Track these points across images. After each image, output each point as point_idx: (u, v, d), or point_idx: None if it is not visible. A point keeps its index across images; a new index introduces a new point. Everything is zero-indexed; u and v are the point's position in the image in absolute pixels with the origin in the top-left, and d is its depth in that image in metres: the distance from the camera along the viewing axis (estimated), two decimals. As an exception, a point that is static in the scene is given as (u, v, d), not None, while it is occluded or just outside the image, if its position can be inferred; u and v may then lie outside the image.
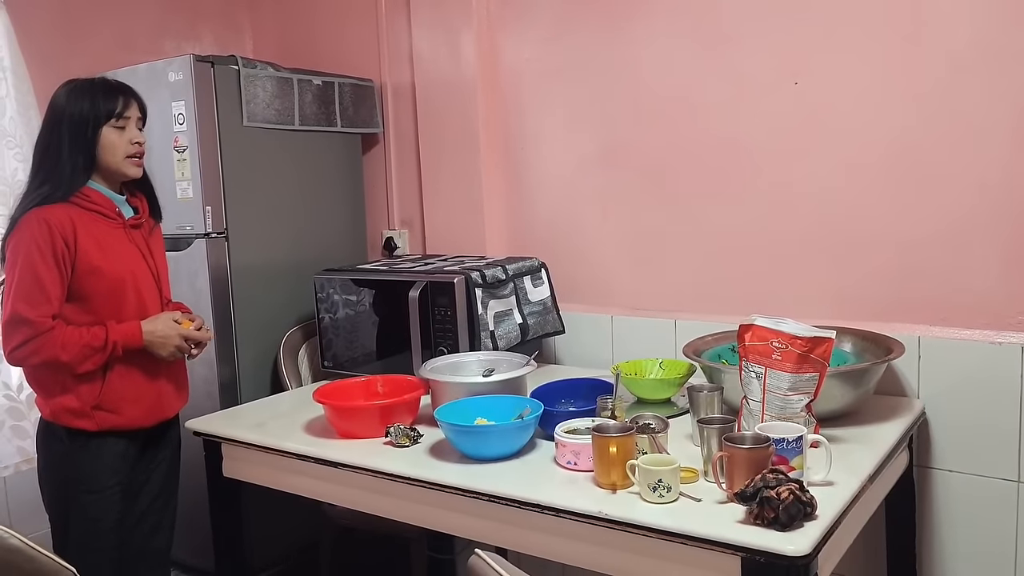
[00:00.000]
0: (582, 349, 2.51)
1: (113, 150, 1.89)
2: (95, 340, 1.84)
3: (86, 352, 1.83)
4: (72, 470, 1.90)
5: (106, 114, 1.87)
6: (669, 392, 2.02)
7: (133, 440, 1.96)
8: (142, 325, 1.90)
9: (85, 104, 1.86)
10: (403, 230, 2.95)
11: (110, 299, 1.89)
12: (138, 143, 1.93)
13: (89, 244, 1.85)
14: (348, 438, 1.87)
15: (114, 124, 1.88)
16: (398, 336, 2.31)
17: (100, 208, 1.90)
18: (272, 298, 2.60)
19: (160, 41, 3.01)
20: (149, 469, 2.04)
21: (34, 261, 1.80)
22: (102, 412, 1.89)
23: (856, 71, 2.05)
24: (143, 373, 1.94)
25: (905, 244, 2.04)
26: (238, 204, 2.49)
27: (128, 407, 1.92)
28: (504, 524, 1.57)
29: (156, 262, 2.01)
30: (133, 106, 1.92)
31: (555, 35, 2.52)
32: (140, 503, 2.03)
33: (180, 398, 2.08)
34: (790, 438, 1.44)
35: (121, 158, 1.90)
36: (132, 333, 1.89)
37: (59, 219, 1.82)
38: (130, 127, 1.91)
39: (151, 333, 1.90)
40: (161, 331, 1.92)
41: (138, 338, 1.89)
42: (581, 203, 2.54)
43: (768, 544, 1.27)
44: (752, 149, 2.22)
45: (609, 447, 1.49)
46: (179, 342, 1.95)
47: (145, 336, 1.90)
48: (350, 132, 2.85)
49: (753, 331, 1.66)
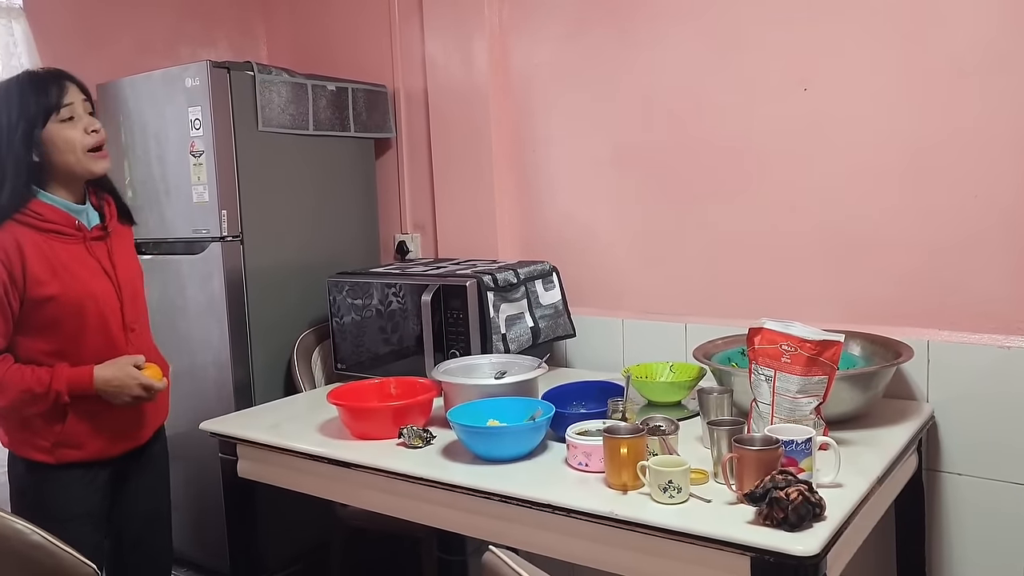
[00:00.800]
0: (592, 352, 2.53)
1: (69, 148, 1.67)
2: (38, 385, 1.66)
3: (25, 398, 1.66)
4: (37, 499, 1.76)
5: (44, 111, 1.64)
6: (679, 395, 2.04)
7: (101, 469, 1.82)
8: (95, 372, 1.70)
9: (13, 107, 1.63)
10: (415, 234, 2.98)
11: (70, 326, 1.71)
12: (95, 131, 1.70)
13: (40, 270, 1.66)
14: (362, 439, 1.89)
15: (57, 118, 1.65)
16: (410, 339, 2.33)
17: (55, 225, 1.70)
18: (286, 301, 2.63)
19: (176, 47, 3.06)
20: (131, 494, 1.91)
21: None
22: (63, 448, 1.75)
23: (865, 77, 2.07)
24: (107, 406, 1.76)
25: (913, 248, 2.05)
26: (253, 208, 2.52)
27: (90, 441, 1.77)
28: (515, 524, 1.59)
29: (119, 275, 1.80)
30: (71, 90, 1.68)
31: (566, 40, 2.55)
32: (131, 530, 1.92)
33: (156, 420, 1.94)
34: (799, 440, 1.46)
35: (81, 154, 1.69)
36: (81, 380, 1.69)
37: (3, 247, 1.63)
38: (79, 116, 1.69)
39: (105, 382, 1.70)
40: (116, 380, 1.71)
41: (88, 386, 1.69)
42: (592, 207, 2.57)
43: (777, 544, 1.29)
44: (762, 153, 2.24)
45: (620, 448, 1.51)
46: (137, 392, 1.73)
47: (97, 384, 1.70)
48: (363, 137, 2.88)
49: (763, 334, 1.68)
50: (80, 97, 1.72)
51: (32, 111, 1.65)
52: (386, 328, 2.39)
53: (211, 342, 2.51)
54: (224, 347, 2.48)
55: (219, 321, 2.48)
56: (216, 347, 2.50)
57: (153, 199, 2.58)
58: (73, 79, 1.72)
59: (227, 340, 2.47)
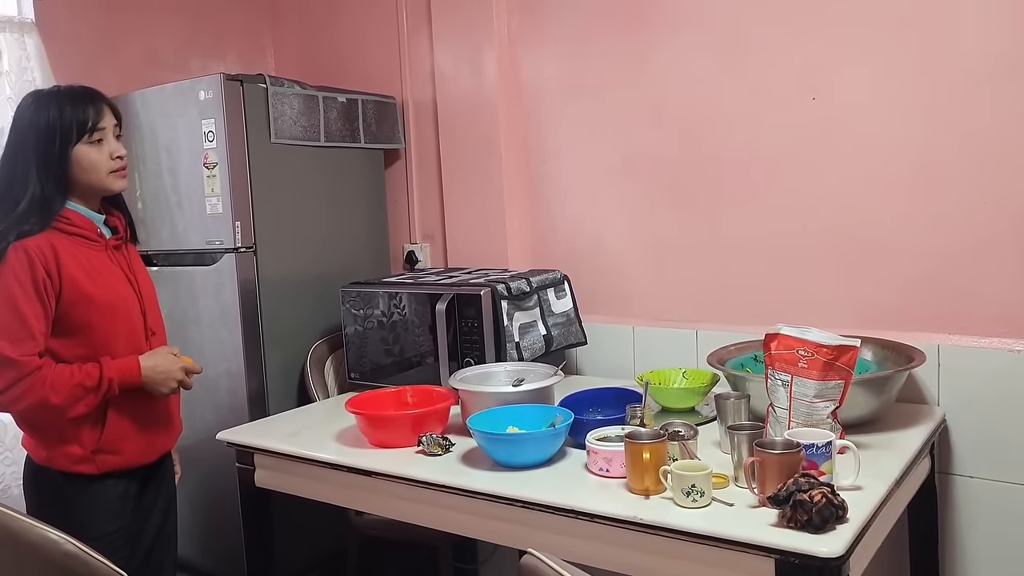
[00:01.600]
0: (604, 360, 2.55)
1: (93, 168, 1.73)
2: (88, 379, 1.68)
3: (78, 393, 1.68)
4: (73, 516, 1.73)
5: (77, 130, 1.70)
6: (694, 401, 2.06)
7: (133, 479, 1.85)
8: (140, 361, 1.76)
9: (52, 121, 1.69)
10: (425, 244, 3.00)
11: (103, 328, 1.75)
12: (119, 157, 1.77)
13: (75, 271, 1.71)
14: (381, 447, 1.91)
15: (88, 140, 1.71)
16: (423, 348, 2.35)
17: (81, 231, 1.75)
18: (298, 311, 2.65)
19: (186, 59, 3.08)
20: (148, 508, 1.93)
21: (13, 295, 1.64)
22: (103, 454, 1.76)
23: (875, 86, 2.10)
24: (141, 408, 1.81)
25: (923, 254, 2.07)
26: (266, 219, 2.54)
27: (128, 445, 1.80)
28: (538, 529, 1.61)
29: (140, 284, 1.87)
30: (105, 114, 1.75)
31: (576, 51, 2.58)
32: (143, 543, 1.92)
33: (176, 429, 1.98)
34: (820, 443, 1.48)
35: (104, 174, 1.75)
36: (130, 370, 1.73)
37: (39, 247, 1.67)
38: (108, 139, 1.75)
39: (151, 369, 1.76)
40: (162, 366, 1.78)
41: (136, 375, 1.74)
42: (602, 215, 2.59)
43: (802, 546, 1.31)
44: (771, 161, 2.27)
45: (643, 453, 1.53)
46: (181, 376, 1.82)
47: (144, 373, 1.75)
48: (373, 148, 2.91)
49: (779, 340, 1.70)
50: (112, 122, 1.78)
51: (67, 128, 1.70)
52: (399, 338, 2.41)
53: (224, 353, 2.52)
54: (238, 357, 2.49)
55: (232, 332, 2.50)
56: (230, 357, 2.51)
57: (165, 211, 2.60)
58: (109, 102, 1.78)
59: (241, 350, 2.49)
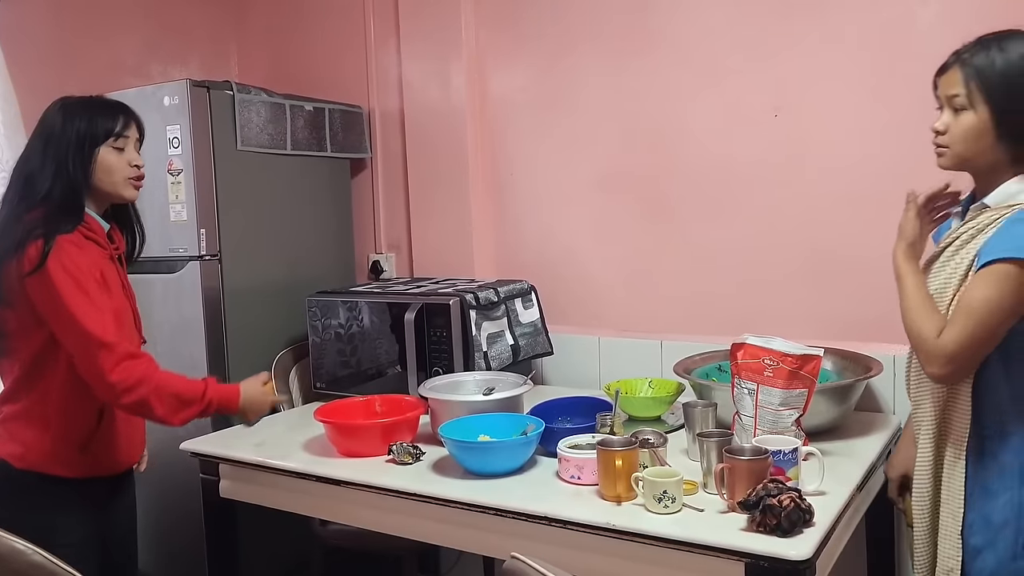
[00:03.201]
0: (570, 369, 2.58)
1: (111, 172, 1.78)
2: (189, 391, 1.74)
3: (173, 403, 1.71)
4: (45, 523, 1.73)
5: (104, 133, 1.77)
6: (660, 410, 2.09)
7: (103, 488, 1.85)
8: (241, 391, 1.83)
9: (82, 123, 1.75)
10: (390, 253, 2.99)
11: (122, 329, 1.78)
12: (137, 166, 1.83)
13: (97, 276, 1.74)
14: (350, 456, 1.90)
15: (112, 144, 1.78)
16: (391, 357, 2.35)
17: (96, 236, 1.79)
18: (263, 320, 2.62)
19: (148, 65, 3.04)
20: (113, 518, 1.91)
21: (89, 288, 1.68)
22: (89, 457, 1.78)
23: (838, 105, 2.17)
24: (128, 418, 1.84)
25: (881, 268, 2.12)
26: (231, 227, 2.52)
27: (110, 453, 1.83)
28: (511, 537, 1.61)
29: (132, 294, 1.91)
30: (132, 126, 1.83)
31: (546, 65, 2.61)
32: (108, 552, 1.89)
33: (144, 442, 1.99)
34: (786, 450, 1.52)
35: (120, 180, 1.80)
36: (231, 396, 1.81)
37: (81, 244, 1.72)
38: (129, 148, 1.82)
39: (249, 400, 1.85)
40: (259, 398, 1.88)
41: (235, 403, 1.82)
42: (570, 227, 2.62)
43: (772, 550, 1.34)
44: (738, 176, 2.33)
45: (615, 461, 1.55)
46: (269, 409, 1.92)
47: (243, 401, 1.83)
48: (339, 157, 2.90)
49: (745, 349, 1.75)
50: (136, 135, 1.85)
51: (96, 129, 1.77)
52: (366, 347, 2.41)
53: (187, 362, 2.47)
54: (201, 367, 2.45)
55: (195, 341, 2.46)
56: (192, 367, 2.46)
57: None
58: (137, 117, 1.86)
59: (204, 360, 2.45)
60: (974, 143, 1.43)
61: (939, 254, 1.52)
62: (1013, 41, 1.40)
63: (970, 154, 1.44)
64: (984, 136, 1.41)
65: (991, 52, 1.40)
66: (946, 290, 1.45)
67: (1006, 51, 1.39)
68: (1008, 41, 1.40)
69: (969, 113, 1.42)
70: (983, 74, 1.40)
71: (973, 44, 1.43)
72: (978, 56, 1.41)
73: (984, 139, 1.42)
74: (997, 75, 1.39)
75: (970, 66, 1.41)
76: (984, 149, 1.43)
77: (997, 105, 1.39)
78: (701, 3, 2.34)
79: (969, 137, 1.43)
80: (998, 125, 1.40)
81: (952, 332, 1.38)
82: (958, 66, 1.43)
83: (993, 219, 1.42)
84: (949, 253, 1.48)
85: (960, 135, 1.44)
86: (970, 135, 1.42)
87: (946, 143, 1.47)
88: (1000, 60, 1.39)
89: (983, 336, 1.37)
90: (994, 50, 1.40)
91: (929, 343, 1.41)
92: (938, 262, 1.51)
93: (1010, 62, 1.38)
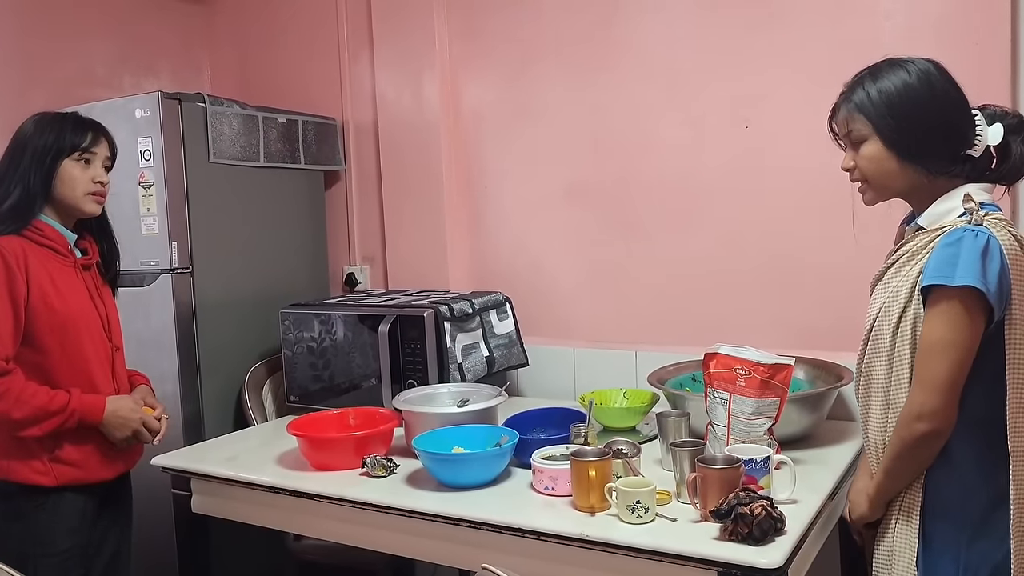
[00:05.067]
0: (545, 381, 2.58)
1: (72, 184, 1.81)
2: (52, 403, 1.73)
3: (39, 415, 1.71)
4: (29, 531, 1.76)
5: (70, 146, 1.80)
6: (634, 420, 2.10)
7: (91, 497, 1.85)
8: (107, 403, 1.81)
9: (50, 135, 1.79)
10: (364, 266, 2.99)
11: (59, 340, 1.79)
12: (100, 183, 1.85)
13: (43, 280, 1.76)
14: (323, 470, 1.89)
15: (77, 158, 1.81)
16: (365, 370, 2.34)
17: (52, 243, 1.81)
18: (235, 333, 2.60)
19: (119, 77, 3.02)
20: (105, 531, 1.92)
21: None
22: (61, 465, 1.78)
23: (802, 117, 2.19)
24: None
25: (849, 276, 2.16)
26: (203, 239, 2.50)
27: (87, 458, 1.82)
28: (485, 549, 1.61)
29: (106, 307, 1.93)
30: (102, 144, 1.86)
31: (518, 78, 2.62)
32: (96, 567, 1.90)
33: (137, 451, 1.98)
34: (758, 459, 1.53)
35: (80, 194, 1.82)
36: (95, 408, 1.79)
37: (14, 251, 1.73)
38: (95, 165, 1.84)
39: (113, 413, 1.81)
40: (123, 412, 1.84)
41: (99, 415, 1.79)
42: (543, 239, 2.63)
43: (743, 558, 1.35)
44: (708, 187, 2.35)
45: (589, 471, 1.55)
46: (138, 427, 1.86)
47: (105, 416, 1.80)
48: (313, 169, 2.89)
49: (717, 359, 1.76)
50: (105, 154, 1.87)
51: (63, 143, 1.80)
52: (340, 360, 2.39)
53: (158, 376, 2.44)
54: (173, 381, 2.43)
55: (168, 354, 2.44)
56: (164, 381, 2.44)
57: (97, 230, 2.53)
58: (110, 137, 1.89)
59: (176, 373, 2.43)
60: (882, 170, 1.47)
61: (883, 273, 1.54)
62: (883, 69, 1.46)
63: (886, 181, 1.48)
64: (886, 160, 1.45)
65: (865, 84, 1.46)
66: (893, 305, 1.46)
67: (878, 79, 1.45)
68: (879, 70, 1.46)
69: (867, 144, 1.47)
70: (863, 105, 1.46)
71: (851, 81, 1.50)
72: (856, 91, 1.47)
73: (888, 163, 1.45)
74: (873, 103, 1.44)
75: (851, 101, 1.48)
76: (893, 173, 1.46)
77: (883, 130, 1.44)
78: (666, 17, 2.37)
79: (874, 165, 1.47)
80: (891, 147, 1.44)
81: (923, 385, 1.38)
82: (843, 104, 1.49)
83: (928, 240, 1.45)
84: (892, 272, 1.51)
85: (867, 166, 1.48)
86: (874, 163, 1.47)
87: (861, 178, 1.51)
88: (874, 89, 1.45)
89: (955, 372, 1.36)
90: (867, 82, 1.46)
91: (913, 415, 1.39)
92: (883, 279, 1.53)
93: (882, 89, 1.44)
